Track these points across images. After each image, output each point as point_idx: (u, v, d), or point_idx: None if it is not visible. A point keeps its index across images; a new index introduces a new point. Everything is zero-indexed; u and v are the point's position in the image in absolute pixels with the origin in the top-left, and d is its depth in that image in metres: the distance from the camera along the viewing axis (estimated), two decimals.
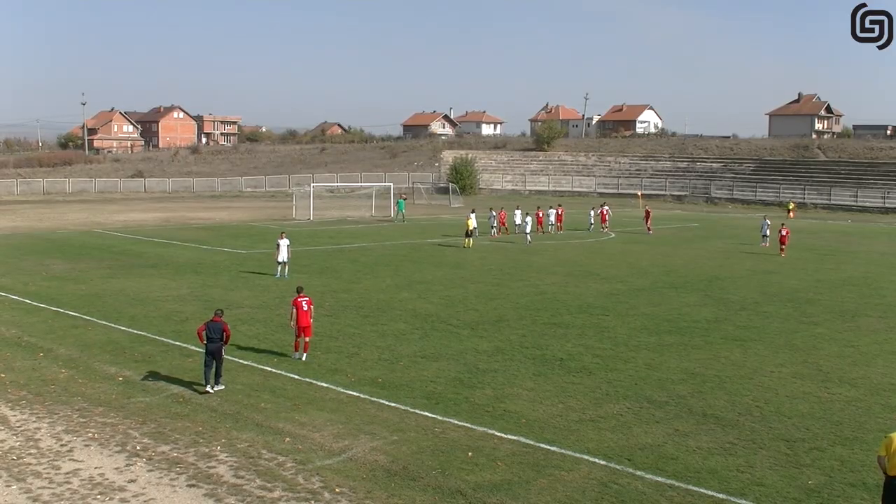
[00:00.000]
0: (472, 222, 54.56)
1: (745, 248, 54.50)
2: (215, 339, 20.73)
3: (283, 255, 38.58)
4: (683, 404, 19.98)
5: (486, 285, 37.25)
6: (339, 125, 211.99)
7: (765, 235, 55.52)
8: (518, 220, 59.22)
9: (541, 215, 63.26)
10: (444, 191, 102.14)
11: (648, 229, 64.38)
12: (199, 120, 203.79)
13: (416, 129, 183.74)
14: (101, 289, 34.89)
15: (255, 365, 22.93)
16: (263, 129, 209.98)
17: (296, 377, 21.78)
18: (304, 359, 23.45)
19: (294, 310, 23.57)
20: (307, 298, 23.92)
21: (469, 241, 52.72)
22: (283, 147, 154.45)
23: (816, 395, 20.87)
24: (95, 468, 15.74)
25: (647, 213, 67.41)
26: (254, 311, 30.36)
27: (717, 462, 16.36)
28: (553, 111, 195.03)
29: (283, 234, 40.04)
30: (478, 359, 23.96)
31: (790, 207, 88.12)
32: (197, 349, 23.72)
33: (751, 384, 21.81)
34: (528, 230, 55.61)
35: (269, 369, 22.53)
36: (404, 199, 74.76)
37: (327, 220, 70.76)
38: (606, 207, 68.28)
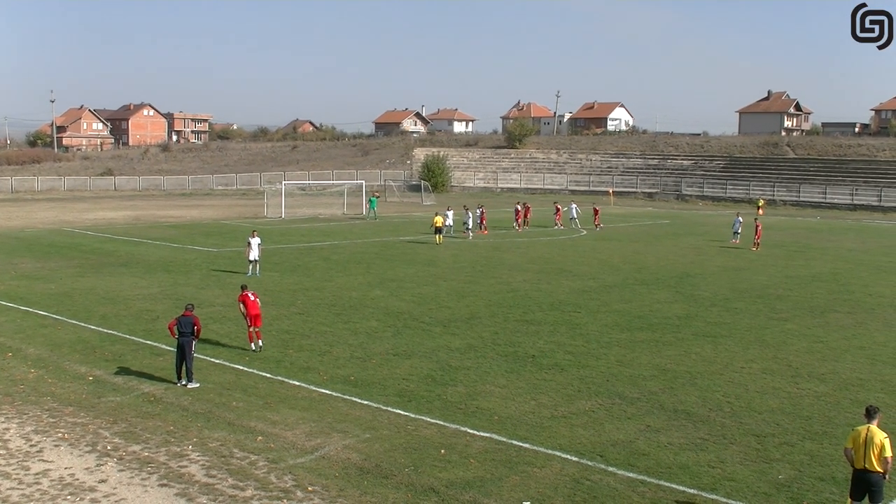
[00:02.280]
0: (447, 220, 56.49)
1: (715, 244, 54.87)
2: (186, 332, 20.83)
3: (254, 254, 38.49)
4: (655, 400, 20.10)
5: (459, 283, 37.26)
6: (310, 123, 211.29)
7: (736, 232, 55.86)
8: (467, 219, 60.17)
9: (520, 210, 64.06)
10: (416, 188, 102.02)
11: (597, 226, 64.36)
12: (169, 118, 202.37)
13: (387, 127, 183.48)
14: (71, 288, 34.59)
15: (227, 363, 22.82)
16: (234, 127, 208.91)
17: (268, 375, 21.70)
18: (261, 345, 24.27)
19: (242, 305, 24.26)
20: (253, 292, 24.82)
21: (439, 237, 52.99)
22: (254, 145, 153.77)
23: (786, 391, 21.06)
24: (65, 468, 15.61)
25: (596, 210, 66.74)
26: (225, 309, 30.21)
27: (688, 457, 16.47)
28: (525, 109, 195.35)
29: (255, 233, 39.91)
30: (450, 356, 23.97)
31: (760, 204, 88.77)
32: (168, 348, 23.60)
33: (721, 380, 21.98)
34: (469, 226, 58.37)
35: (241, 368, 22.44)
36: (377, 197, 74.69)
37: (299, 218, 70.51)
38: (560, 205, 68.16)
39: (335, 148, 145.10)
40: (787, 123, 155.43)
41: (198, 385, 20.63)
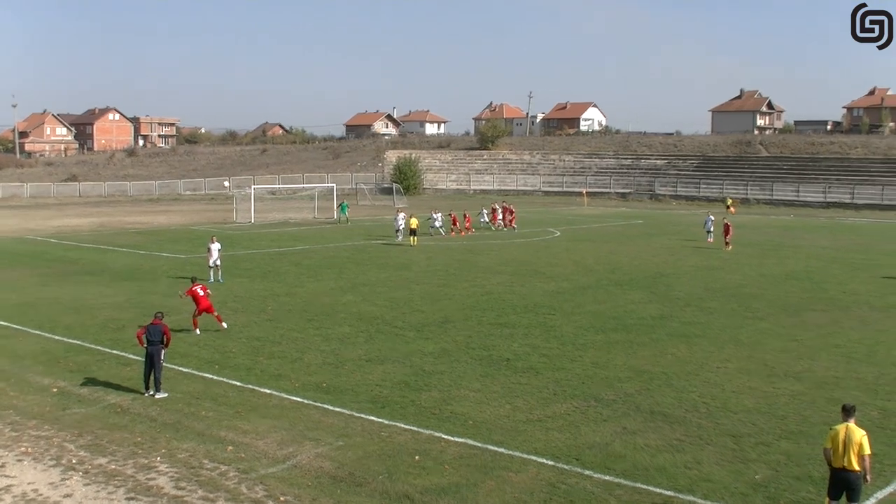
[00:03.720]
0: (437, 221, 59.81)
1: (689, 244, 55.15)
2: (155, 341, 20.57)
3: (213, 259, 38.29)
4: (631, 402, 20.12)
5: (432, 286, 37.21)
6: (280, 126, 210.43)
7: (709, 231, 56.21)
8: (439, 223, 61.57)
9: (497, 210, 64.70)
10: (388, 191, 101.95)
11: (507, 226, 64.27)
12: (135, 122, 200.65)
13: (358, 129, 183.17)
14: (35, 297, 34.20)
15: (196, 372, 22.63)
16: (202, 131, 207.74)
17: (237, 384, 21.53)
18: (224, 326, 27.34)
19: (184, 294, 27.34)
20: (202, 285, 27.74)
21: (415, 238, 53.34)
22: (222, 149, 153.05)
23: (762, 390, 21.15)
24: (29, 484, 15.37)
25: (509, 210, 66.28)
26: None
27: (664, 459, 16.49)
28: (497, 110, 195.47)
29: (214, 238, 39.77)
30: (424, 361, 23.90)
31: (729, 203, 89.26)
32: (135, 357, 23.37)
33: (697, 380, 22.05)
34: (438, 225, 59.94)
35: (210, 377, 22.25)
36: (346, 204, 74.32)
37: (269, 223, 70.22)
38: (499, 206, 68.08)
39: (305, 151, 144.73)
40: (760, 122, 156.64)
41: (166, 395, 20.43)
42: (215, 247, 38.60)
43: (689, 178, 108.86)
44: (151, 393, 20.49)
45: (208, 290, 28.16)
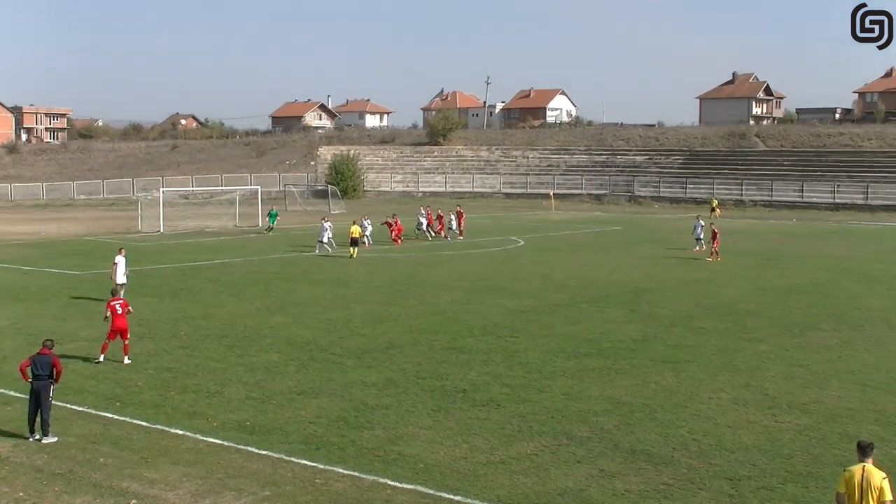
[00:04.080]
0: (366, 230, 59.71)
1: (675, 253, 55.57)
2: (42, 375, 20.16)
3: (121, 276, 37.85)
4: (609, 439, 20.13)
5: (374, 305, 37.10)
6: (193, 118, 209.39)
7: (698, 238, 56.72)
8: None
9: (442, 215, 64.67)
10: (323, 194, 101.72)
11: (437, 233, 64.44)
12: (17, 112, 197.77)
13: (287, 122, 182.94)
14: None
15: (93, 411, 22.28)
16: (100, 123, 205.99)
17: (144, 424, 21.22)
18: (126, 362, 26.75)
19: (109, 313, 27.29)
20: (121, 301, 27.89)
21: (355, 249, 53.49)
22: (124, 144, 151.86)
23: (762, 424, 21.26)
24: None
25: (450, 214, 66.45)
26: (91, 344, 29.55)
27: None
28: (449, 99, 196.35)
29: (122, 251, 39.35)
30: (366, 393, 23.76)
31: (714, 206, 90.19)
32: (17, 394, 22.95)
33: (686, 413, 22.11)
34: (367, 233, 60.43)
35: (111, 416, 21.92)
36: (276, 212, 73.20)
37: (181, 233, 69.66)
38: (426, 210, 68.35)
39: (224, 147, 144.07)
40: (756, 110, 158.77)
41: (55, 439, 20.05)
42: (122, 260, 38.20)
43: (673, 177, 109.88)
44: (37, 437, 20.09)
45: (129, 308, 28.15)
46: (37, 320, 33.98)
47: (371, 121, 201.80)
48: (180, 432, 20.65)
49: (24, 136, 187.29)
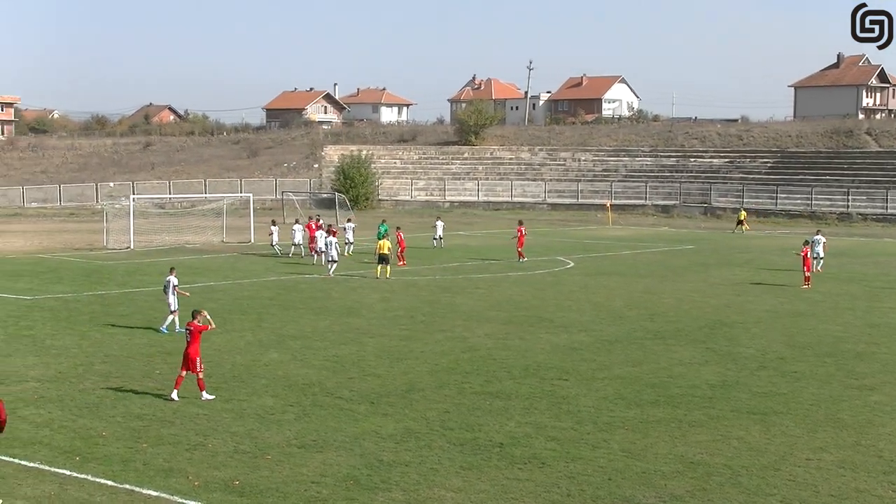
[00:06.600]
0: (295, 236, 65.06)
1: (763, 278, 55.31)
2: None
3: (173, 299, 39.01)
4: None
5: (391, 339, 37.14)
6: (170, 109, 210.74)
7: (817, 257, 56.36)
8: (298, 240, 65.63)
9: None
10: (329, 203, 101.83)
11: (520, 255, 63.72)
12: None
13: (285, 115, 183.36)
14: None
15: (47, 468, 22.35)
16: (56, 115, 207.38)
17: (109, 483, 21.29)
18: (207, 397, 28.03)
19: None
20: (199, 321, 28.85)
21: (385, 268, 54.50)
22: (86, 141, 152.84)
23: (876, 494, 21.09)
24: None
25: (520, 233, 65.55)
26: (43, 385, 29.71)
27: None
28: (483, 88, 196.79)
29: (173, 270, 40.46)
30: (380, 447, 23.79)
31: (741, 218, 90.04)
32: None
33: (778, 478, 21.98)
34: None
35: (69, 473, 21.99)
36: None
37: (156, 249, 69.93)
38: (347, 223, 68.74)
39: (209, 146, 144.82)
40: (867, 101, 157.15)
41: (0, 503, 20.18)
42: (173, 281, 39.34)
43: (760, 185, 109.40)
44: None
45: (211, 324, 29.71)
46: None
47: (387, 114, 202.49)
48: (154, 493, 20.69)
49: None
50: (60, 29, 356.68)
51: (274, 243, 66.95)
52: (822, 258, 57.05)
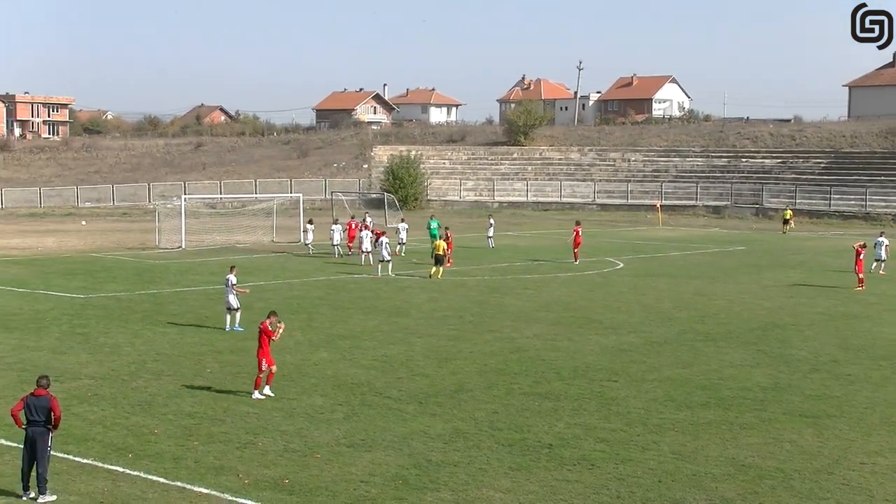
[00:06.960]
0: (401, 234, 64.91)
1: (817, 279, 54.92)
2: (38, 421, 20.26)
3: (233, 298, 39.60)
4: None
5: (440, 339, 37.18)
6: (221, 110, 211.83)
7: (880, 260, 55.96)
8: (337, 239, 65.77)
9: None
10: (378, 203, 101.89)
11: (576, 258, 63.11)
12: (8, 101, 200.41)
13: (334, 116, 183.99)
14: None
15: (100, 464, 22.52)
16: (109, 116, 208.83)
17: (161, 480, 21.43)
18: (268, 394, 28.56)
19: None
20: (270, 320, 29.63)
21: (439, 269, 54.75)
22: (139, 142, 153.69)
23: None
24: None
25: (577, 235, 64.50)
26: (97, 383, 29.93)
27: None
28: (532, 88, 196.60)
29: (233, 269, 41.32)
30: (429, 447, 23.82)
31: (787, 217, 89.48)
32: (9, 443, 23.30)
33: (831, 482, 21.83)
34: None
35: (121, 470, 22.14)
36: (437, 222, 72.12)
37: (207, 248, 70.23)
38: (361, 220, 68.16)
39: (259, 146, 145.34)
40: None
41: (53, 498, 20.27)
42: (233, 280, 40.14)
43: (814, 185, 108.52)
44: (32, 496, 20.26)
45: (281, 328, 30.37)
46: (30, 353, 34.42)
47: (436, 115, 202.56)
48: (205, 491, 20.81)
49: (17, 131, 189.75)
50: (115, 31, 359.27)
51: (308, 241, 67.82)
52: (884, 260, 56.58)
